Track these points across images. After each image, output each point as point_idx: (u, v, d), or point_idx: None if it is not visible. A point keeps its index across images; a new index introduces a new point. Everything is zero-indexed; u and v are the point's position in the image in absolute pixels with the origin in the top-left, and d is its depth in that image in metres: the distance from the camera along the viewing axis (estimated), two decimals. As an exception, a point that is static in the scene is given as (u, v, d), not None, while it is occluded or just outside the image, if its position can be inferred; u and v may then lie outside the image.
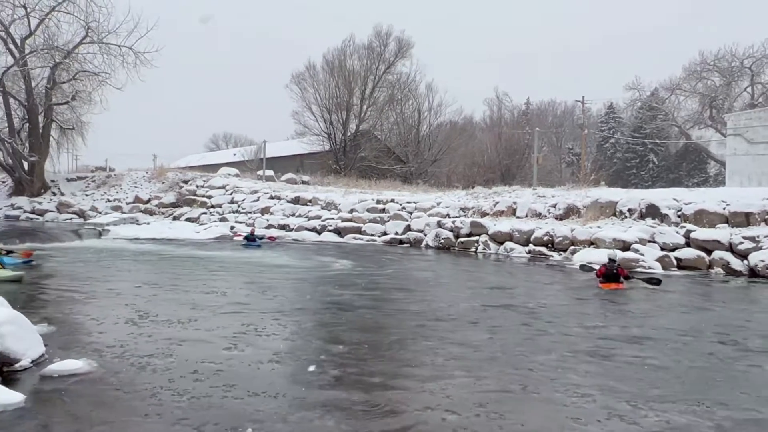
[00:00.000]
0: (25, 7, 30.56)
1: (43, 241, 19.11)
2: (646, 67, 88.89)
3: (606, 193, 20.87)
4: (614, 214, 19.15)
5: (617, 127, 61.16)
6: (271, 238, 22.30)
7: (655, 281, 11.77)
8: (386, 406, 4.50)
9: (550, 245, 18.71)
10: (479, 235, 20.59)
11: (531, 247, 18.93)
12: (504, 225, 20.33)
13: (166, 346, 6.07)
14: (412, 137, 45.94)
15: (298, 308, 8.75)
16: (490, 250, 19.84)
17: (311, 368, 5.43)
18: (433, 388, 4.95)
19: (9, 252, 13.23)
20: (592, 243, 17.47)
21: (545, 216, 20.77)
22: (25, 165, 32.23)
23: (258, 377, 5.15)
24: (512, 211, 21.81)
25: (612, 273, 11.77)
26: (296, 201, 27.63)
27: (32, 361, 5.34)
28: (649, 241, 16.59)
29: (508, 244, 19.53)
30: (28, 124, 32.39)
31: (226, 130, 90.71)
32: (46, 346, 5.73)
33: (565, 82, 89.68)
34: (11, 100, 31.55)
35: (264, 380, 5.06)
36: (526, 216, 21.24)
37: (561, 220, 20.15)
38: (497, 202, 22.61)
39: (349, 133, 43.52)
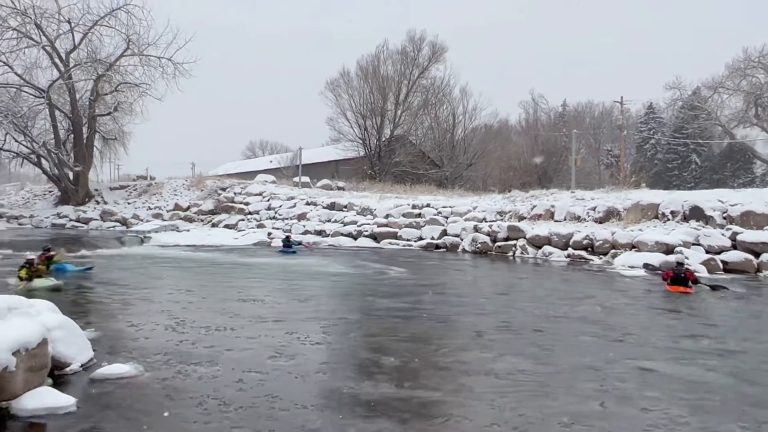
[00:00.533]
0: (69, 23, 31.69)
1: (88, 248, 19.64)
2: (686, 65, 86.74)
3: (647, 195, 20.42)
4: (656, 217, 18.71)
5: (657, 127, 59.73)
6: (308, 245, 22.41)
7: (722, 288, 11.53)
8: (447, 422, 4.32)
9: (589, 249, 18.37)
10: (517, 239, 20.36)
11: (570, 251, 18.62)
12: (542, 229, 20.06)
13: (210, 354, 6.08)
14: (446, 141, 45.82)
15: (341, 316, 8.61)
16: (527, 254, 19.60)
17: (362, 381, 5.22)
18: (499, 404, 4.68)
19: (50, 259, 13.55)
20: (633, 246, 17.10)
21: (584, 219, 20.42)
22: (70, 175, 33.29)
23: (305, 389, 5.03)
24: (550, 215, 21.51)
25: (680, 277, 11.47)
26: (332, 207, 27.80)
27: (82, 365, 5.47)
28: (694, 244, 16.15)
29: (547, 248, 19.26)
30: (72, 135, 33.47)
31: (262, 138, 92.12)
32: (94, 350, 5.86)
33: (603, 83, 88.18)
34: (57, 113, 32.67)
35: (311, 392, 4.94)
36: (565, 219, 20.91)
37: (601, 223, 19.79)
38: (535, 206, 22.33)
39: (383, 139, 43.67)
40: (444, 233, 23.07)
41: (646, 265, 14.59)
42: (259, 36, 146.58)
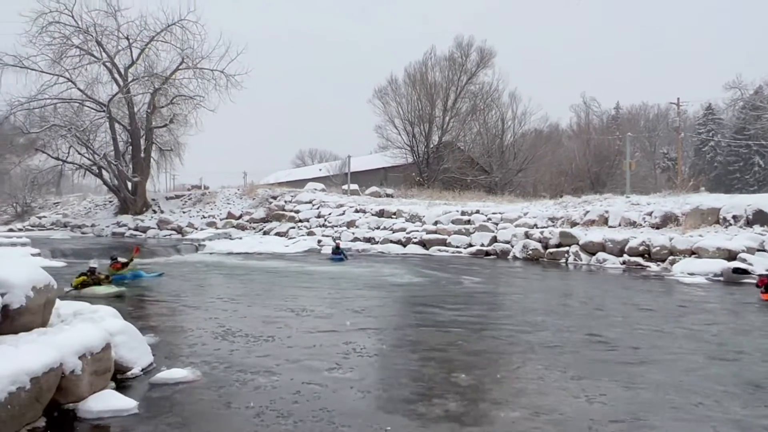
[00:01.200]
0: (128, 39, 33.03)
1: (146, 256, 20.31)
2: (746, 64, 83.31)
3: (707, 199, 19.70)
4: (717, 222, 18.02)
5: (717, 129, 57.65)
6: (357, 252, 22.52)
7: None
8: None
9: (646, 255, 17.83)
10: (569, 245, 19.94)
11: (625, 257, 18.12)
12: (596, 235, 19.59)
13: (266, 363, 6.06)
14: (495, 147, 45.39)
15: (397, 327, 8.39)
16: (581, 261, 19.16)
17: (426, 399, 4.93)
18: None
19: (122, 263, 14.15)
20: (693, 252, 16.50)
21: (640, 225, 19.84)
22: (129, 185, 34.53)
23: (366, 405, 4.82)
24: (604, 220, 20.99)
25: None
26: (381, 214, 27.90)
27: (142, 370, 5.64)
28: (759, 250, 15.48)
29: (601, 255, 18.79)
30: (131, 147, 34.75)
31: (311, 147, 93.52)
32: (153, 355, 6.04)
33: (657, 84, 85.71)
34: (116, 126, 34.01)
35: (373, 408, 4.75)
36: (619, 225, 20.38)
37: (658, 228, 19.18)
38: (587, 211, 21.84)
39: (431, 145, 43.60)
40: (494, 240, 22.81)
41: (736, 270, 13.81)
42: (308, 45, 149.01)
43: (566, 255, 19.77)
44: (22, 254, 16.89)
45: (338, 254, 20.50)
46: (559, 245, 20.23)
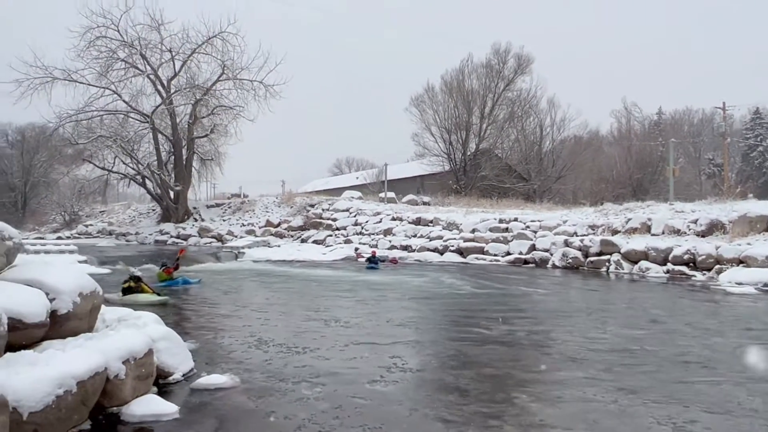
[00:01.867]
0: (171, 52, 33.96)
1: (187, 263, 20.70)
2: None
3: (756, 207, 19.05)
4: (766, 230, 17.39)
5: (765, 134, 55.71)
6: (393, 261, 22.52)
7: None
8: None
9: (691, 264, 17.32)
10: (610, 254, 19.53)
11: (669, 266, 17.64)
12: (638, 243, 19.14)
13: (307, 373, 5.98)
14: (534, 154, 44.88)
15: (444, 339, 8.15)
16: (622, 269, 18.74)
17: (486, 422, 4.55)
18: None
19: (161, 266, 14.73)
20: (741, 262, 15.95)
21: (684, 233, 19.30)
22: (171, 194, 35.37)
23: (413, 423, 4.58)
24: (646, 228, 20.49)
25: None
26: (417, 222, 27.86)
27: (183, 375, 5.73)
28: (812, 259, 14.86)
29: (643, 264, 18.34)
30: (173, 157, 35.63)
31: (348, 155, 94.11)
32: (193, 361, 6.15)
33: (702, 88, 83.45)
34: (159, 136, 34.93)
35: (420, 427, 4.50)
36: (663, 233, 19.86)
37: (703, 236, 18.62)
38: (629, 219, 21.36)
39: (468, 153, 43.38)
40: (532, 248, 22.51)
41: None
42: (344, 54, 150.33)
43: (607, 263, 19.36)
44: (69, 261, 17.42)
45: (374, 263, 20.54)
46: (599, 253, 19.84)
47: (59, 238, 34.19)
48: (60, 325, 4.91)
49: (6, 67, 35.08)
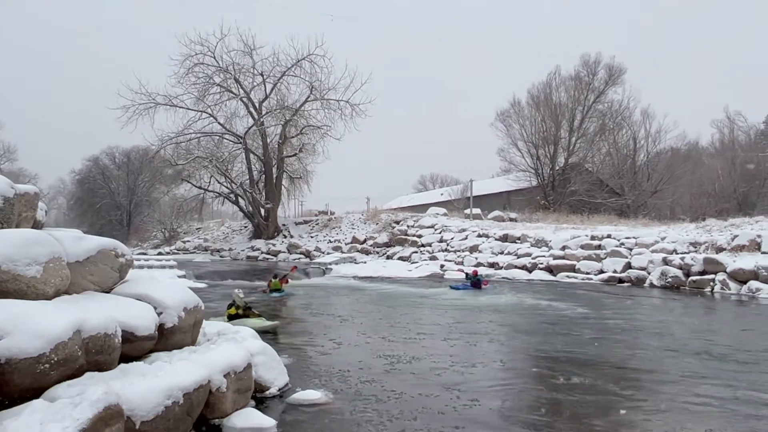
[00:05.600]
0: (262, 75, 35.39)
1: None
2: None
3: None
4: None
5: None
6: (485, 282, 20.53)
7: None
8: None
9: (809, 285, 15.92)
10: (715, 273, 18.28)
11: (784, 286, 16.28)
12: (746, 261, 17.81)
13: (398, 390, 5.97)
14: (627, 168, 42.98)
15: (541, 361, 7.85)
16: (729, 290, 17.47)
17: None
18: None
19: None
20: None
21: (801, 250, 17.77)
22: (262, 211, 36.65)
23: None
24: (756, 246, 19.02)
25: None
26: (504, 238, 27.30)
27: (279, 390, 5.86)
28: None
29: (753, 284, 17.03)
30: (264, 176, 36.96)
31: (433, 171, 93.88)
32: (288, 376, 6.27)
33: (815, 95, 77.12)
34: (251, 156, 36.39)
35: None
36: (775, 251, 18.38)
37: (823, 254, 17.07)
38: (735, 236, 19.91)
39: (557, 167, 42.17)
40: (628, 266, 21.45)
41: None
42: (428, 69, 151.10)
43: (711, 283, 18.13)
44: (170, 276, 18.39)
45: (474, 283, 18.49)
46: (703, 272, 18.61)
47: (160, 253, 36.26)
48: (167, 338, 5.16)
49: (114, 95, 37.77)
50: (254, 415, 4.94)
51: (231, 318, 10.17)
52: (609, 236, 23.73)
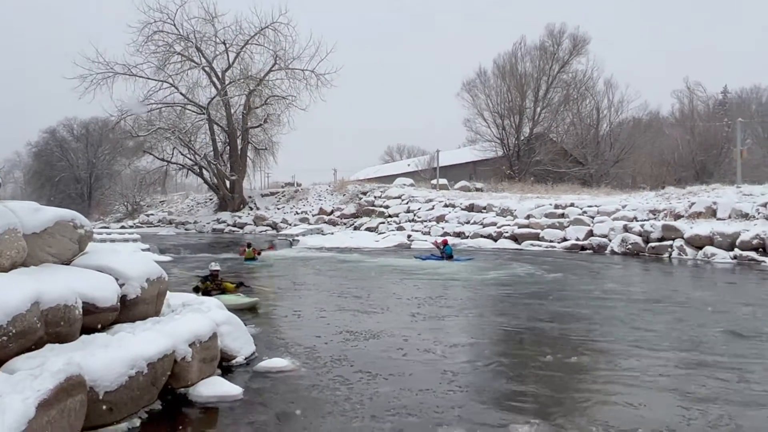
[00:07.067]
0: (224, 44, 34.58)
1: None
2: None
3: (832, 188, 18.00)
4: None
5: (841, 111, 52.41)
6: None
7: None
8: None
9: (760, 249, 16.54)
10: (673, 239, 18.85)
11: (737, 251, 16.89)
12: (702, 228, 18.41)
13: (363, 358, 6.02)
14: (590, 137, 43.63)
15: (505, 327, 7.98)
16: (686, 255, 18.06)
17: (547, 412, 4.47)
18: None
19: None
20: (816, 246, 15.13)
21: (753, 217, 18.42)
22: (227, 183, 36.17)
23: (470, 409, 4.55)
24: (711, 213, 19.66)
25: None
26: (470, 208, 27.58)
27: (245, 358, 5.88)
28: None
29: (708, 249, 17.63)
30: (228, 147, 36.39)
31: (399, 142, 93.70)
32: (255, 345, 6.29)
33: (770, 65, 78.89)
34: (215, 127, 35.73)
35: (483, 418, 4.38)
36: (729, 217, 19.03)
37: (774, 220, 17.72)
38: (693, 203, 20.53)
39: (522, 137, 42.54)
40: (590, 234, 21.97)
41: None
42: (395, 40, 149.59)
43: (669, 249, 18.70)
44: (133, 249, 18.09)
45: (445, 253, 17.81)
46: (661, 239, 19.17)
47: (123, 227, 35.51)
48: (129, 310, 5.11)
49: (70, 64, 36.46)
50: (220, 383, 4.96)
51: (205, 293, 9.01)
52: (572, 205, 24.21)
